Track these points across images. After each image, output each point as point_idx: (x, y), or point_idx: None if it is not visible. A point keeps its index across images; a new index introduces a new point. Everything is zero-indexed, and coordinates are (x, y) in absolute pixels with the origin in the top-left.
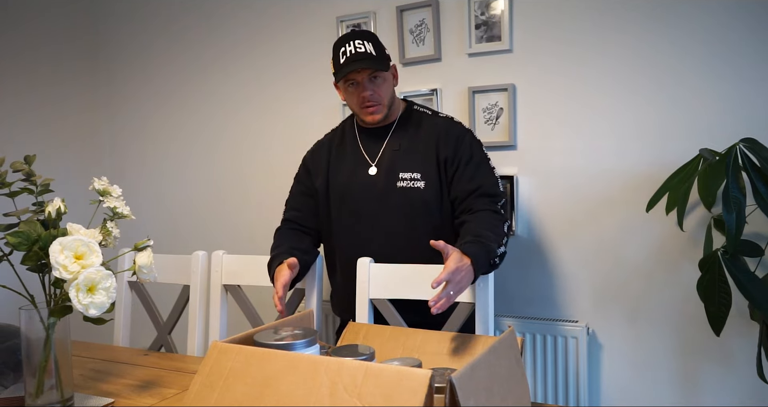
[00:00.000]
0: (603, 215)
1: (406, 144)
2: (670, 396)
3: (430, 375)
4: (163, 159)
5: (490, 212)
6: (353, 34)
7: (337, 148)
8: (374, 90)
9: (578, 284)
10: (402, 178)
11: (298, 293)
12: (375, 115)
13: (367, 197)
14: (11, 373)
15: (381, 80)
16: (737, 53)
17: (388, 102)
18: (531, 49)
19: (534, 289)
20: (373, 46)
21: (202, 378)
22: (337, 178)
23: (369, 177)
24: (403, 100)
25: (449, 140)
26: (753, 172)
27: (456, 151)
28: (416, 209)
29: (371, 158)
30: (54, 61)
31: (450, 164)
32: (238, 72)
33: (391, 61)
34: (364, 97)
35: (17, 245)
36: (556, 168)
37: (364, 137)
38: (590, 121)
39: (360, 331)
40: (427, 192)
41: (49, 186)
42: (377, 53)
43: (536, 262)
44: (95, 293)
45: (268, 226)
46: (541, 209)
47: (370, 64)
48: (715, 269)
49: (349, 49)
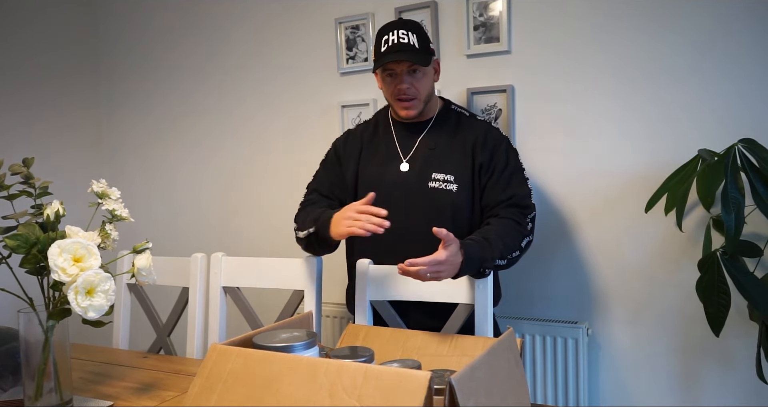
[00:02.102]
0: (602, 216)
1: (443, 144)
2: (669, 397)
3: (430, 376)
4: (161, 161)
5: (515, 223)
6: (399, 23)
7: (370, 139)
8: (412, 83)
9: (577, 285)
10: (435, 178)
11: (297, 294)
12: (410, 110)
13: (396, 193)
14: (10, 376)
15: (420, 74)
16: (735, 54)
17: (425, 98)
18: (529, 50)
19: (533, 290)
20: (417, 37)
21: (201, 381)
22: (367, 170)
23: (400, 173)
24: (440, 98)
25: (487, 146)
26: (752, 172)
27: (492, 157)
28: (445, 212)
29: (404, 153)
30: (53, 63)
31: (485, 170)
32: (237, 73)
33: (434, 56)
34: (400, 89)
35: (16, 247)
36: (554, 169)
37: (399, 131)
38: (589, 122)
39: (359, 333)
40: (459, 196)
41: (47, 189)
42: (420, 46)
43: (535, 263)
44: (94, 296)
45: (267, 228)
46: (539, 210)
47: (410, 56)
48: (714, 269)
49: (392, 38)
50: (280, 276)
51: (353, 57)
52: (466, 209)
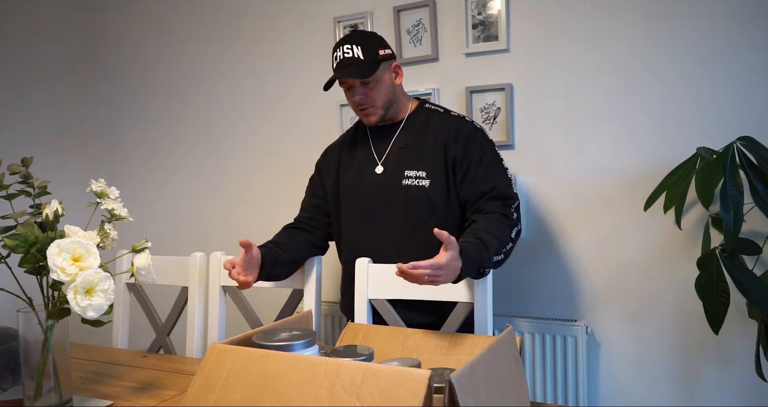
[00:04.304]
0: (601, 214)
1: (413, 142)
2: (669, 395)
3: (429, 375)
4: (160, 161)
5: (501, 216)
6: (345, 39)
7: (348, 149)
8: (365, 93)
9: (577, 284)
10: (407, 176)
11: (296, 293)
12: (370, 117)
13: (373, 195)
14: (10, 376)
15: (373, 83)
16: (734, 51)
17: (384, 104)
18: (528, 48)
19: (532, 288)
20: (362, 50)
21: (201, 380)
22: (346, 178)
23: (375, 176)
24: (415, 98)
25: (459, 140)
26: (750, 170)
27: (465, 151)
28: (421, 208)
29: (379, 156)
30: (51, 63)
31: (459, 165)
32: (235, 73)
33: (391, 59)
34: (354, 101)
35: (15, 247)
36: (553, 167)
37: (374, 136)
38: (588, 120)
39: (359, 331)
40: (432, 191)
41: (46, 188)
42: (366, 57)
43: (534, 261)
44: (93, 296)
45: (266, 226)
46: (538, 209)
47: (353, 71)
48: (714, 267)
49: (338, 54)
50: None
51: None
52: (441, 203)
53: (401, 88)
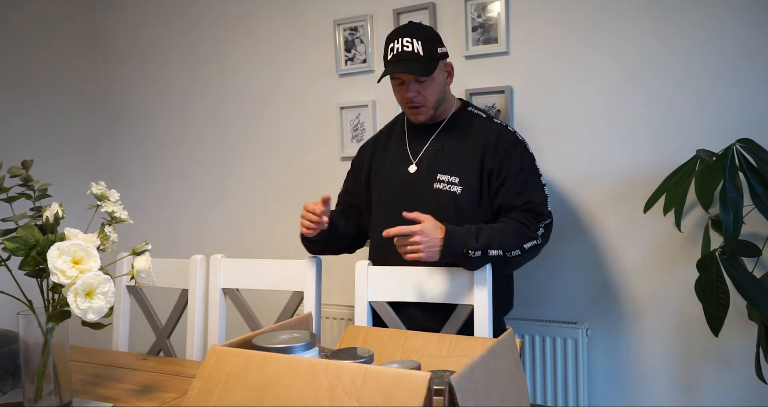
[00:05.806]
0: (601, 216)
1: (450, 145)
2: (668, 397)
3: (429, 377)
4: (161, 163)
5: (520, 224)
6: (404, 30)
7: (384, 143)
8: (419, 91)
9: (576, 286)
10: (439, 179)
11: (296, 295)
12: (419, 115)
13: (402, 194)
14: (10, 378)
15: (428, 81)
16: (734, 54)
17: (435, 103)
18: (528, 51)
19: (532, 291)
20: (422, 45)
21: (201, 382)
22: (378, 174)
23: (408, 175)
24: (460, 99)
25: (498, 150)
26: (750, 172)
27: (503, 163)
28: (448, 214)
29: (414, 155)
30: (51, 63)
31: (496, 175)
32: (236, 75)
33: (446, 58)
34: (407, 98)
35: (15, 250)
36: (553, 169)
37: (412, 134)
38: (587, 122)
39: (359, 334)
40: (462, 198)
41: (46, 191)
42: (425, 53)
43: (534, 264)
44: (93, 298)
45: (266, 229)
46: None
47: (412, 67)
48: (713, 269)
49: (396, 46)
50: (279, 278)
51: (352, 59)
52: (470, 211)
53: (449, 88)
